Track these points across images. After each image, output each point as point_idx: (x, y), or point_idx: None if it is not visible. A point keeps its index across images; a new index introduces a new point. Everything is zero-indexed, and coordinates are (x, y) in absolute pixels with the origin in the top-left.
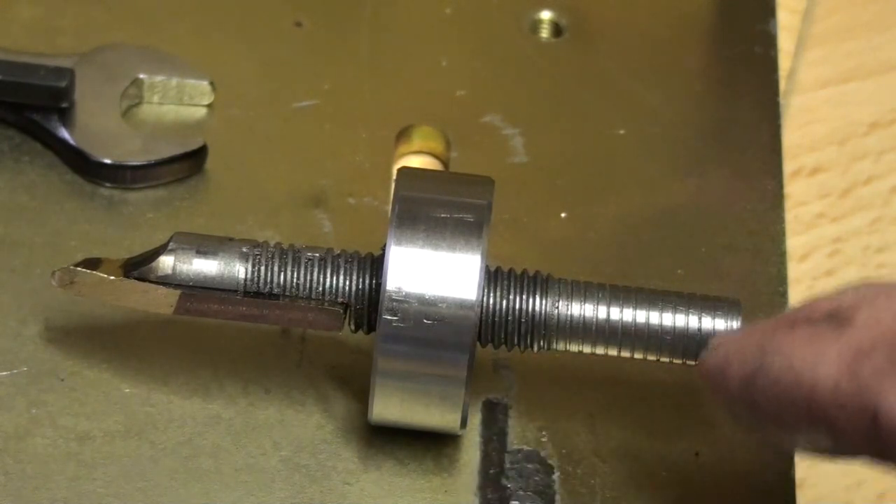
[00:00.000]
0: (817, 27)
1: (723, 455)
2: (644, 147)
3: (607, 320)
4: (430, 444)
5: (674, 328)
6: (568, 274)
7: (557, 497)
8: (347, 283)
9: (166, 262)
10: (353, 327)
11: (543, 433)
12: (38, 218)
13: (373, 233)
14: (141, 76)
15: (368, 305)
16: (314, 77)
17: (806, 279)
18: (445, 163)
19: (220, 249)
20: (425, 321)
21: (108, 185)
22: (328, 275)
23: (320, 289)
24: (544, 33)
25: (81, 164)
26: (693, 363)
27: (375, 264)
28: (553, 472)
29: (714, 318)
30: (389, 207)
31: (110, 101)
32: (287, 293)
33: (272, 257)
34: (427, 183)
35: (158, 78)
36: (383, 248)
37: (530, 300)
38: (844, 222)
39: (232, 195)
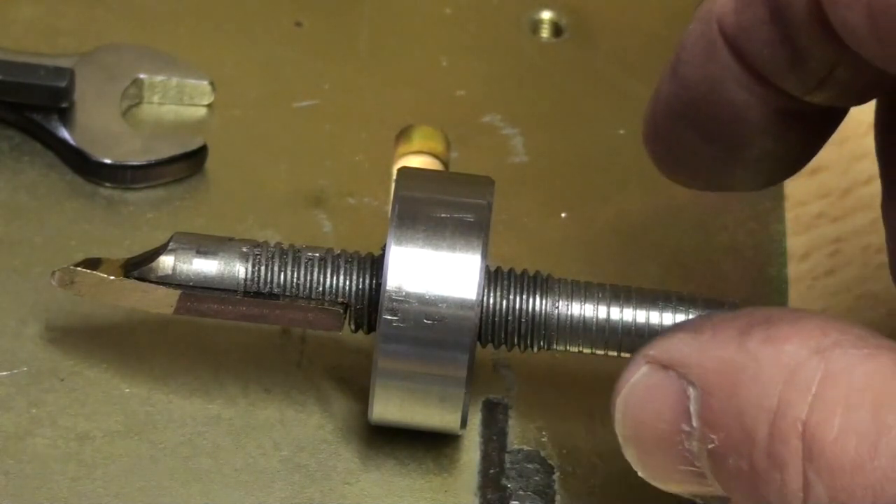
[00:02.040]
0: None
1: None
2: (644, 147)
3: (607, 320)
4: (430, 444)
5: None
6: (568, 274)
7: (557, 497)
8: (347, 283)
9: (166, 262)
10: (353, 327)
11: (543, 433)
12: (38, 218)
13: (373, 233)
14: (141, 76)
15: (368, 305)
16: (314, 77)
17: (806, 279)
18: (445, 163)
19: (220, 249)
20: (425, 321)
21: (108, 185)
22: (328, 275)
23: (320, 289)
24: (544, 33)
25: (81, 164)
26: None
27: (375, 264)
28: (553, 472)
29: None
30: (389, 207)
31: (110, 101)
32: (287, 293)
33: (272, 257)
34: (427, 183)
35: (158, 78)
36: (383, 248)
37: (530, 300)
38: (844, 222)
39: (232, 195)
